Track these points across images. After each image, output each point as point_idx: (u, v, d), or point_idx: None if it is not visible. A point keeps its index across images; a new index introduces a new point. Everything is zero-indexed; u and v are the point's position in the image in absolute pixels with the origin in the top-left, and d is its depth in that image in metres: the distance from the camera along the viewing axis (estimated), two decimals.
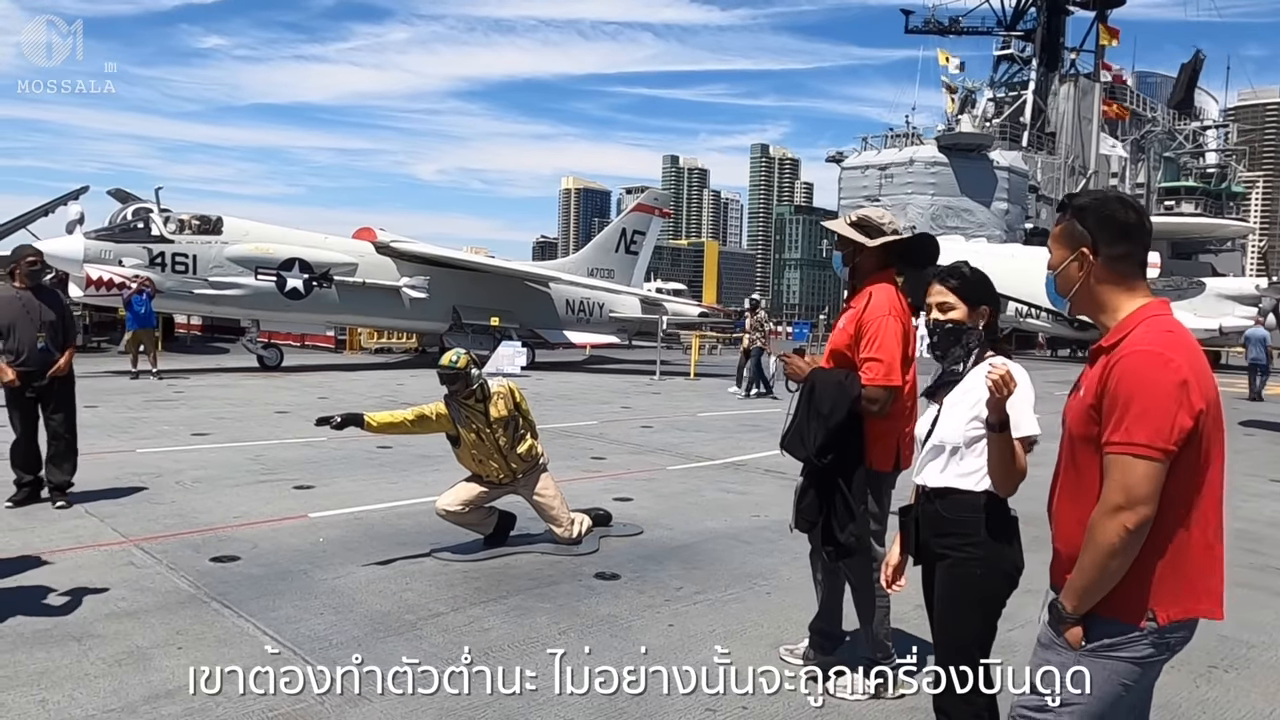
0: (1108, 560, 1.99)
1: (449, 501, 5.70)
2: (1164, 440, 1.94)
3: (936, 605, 2.84)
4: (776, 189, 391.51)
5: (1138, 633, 2.04)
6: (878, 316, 3.66)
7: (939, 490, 2.80)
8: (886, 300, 3.70)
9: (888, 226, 3.80)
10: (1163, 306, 2.11)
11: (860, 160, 51.64)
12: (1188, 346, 2.01)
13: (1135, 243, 2.12)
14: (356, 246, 21.95)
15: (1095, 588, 2.04)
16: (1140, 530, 1.96)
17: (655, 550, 6.08)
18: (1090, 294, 2.17)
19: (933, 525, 2.82)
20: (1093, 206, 2.15)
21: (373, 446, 9.37)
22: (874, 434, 3.70)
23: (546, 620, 4.66)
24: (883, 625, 3.88)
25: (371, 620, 4.56)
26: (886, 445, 3.75)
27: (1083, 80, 56.79)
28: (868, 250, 3.78)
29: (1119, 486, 1.96)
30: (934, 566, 2.85)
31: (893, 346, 3.59)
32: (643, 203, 30.28)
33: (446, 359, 5.64)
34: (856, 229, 3.81)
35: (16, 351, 6.61)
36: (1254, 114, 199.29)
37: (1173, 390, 1.94)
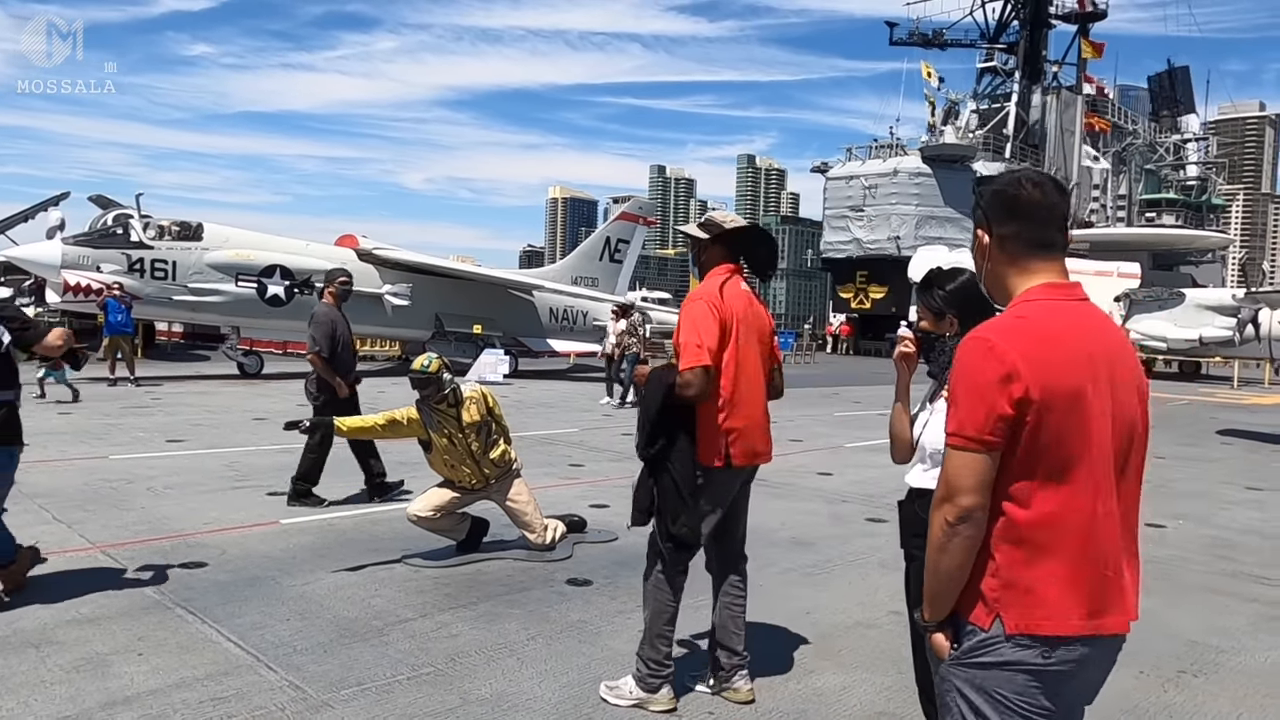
0: (937, 557, 1.86)
1: (420, 507, 5.66)
2: (976, 429, 1.78)
3: (914, 601, 2.84)
4: (763, 199, 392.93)
5: (986, 634, 1.83)
6: (687, 304, 3.70)
7: (919, 491, 2.83)
8: (701, 289, 3.73)
9: (728, 223, 3.84)
10: (1047, 290, 1.91)
11: (845, 171, 51.78)
12: (1033, 333, 1.82)
13: (1025, 220, 1.94)
14: (338, 254, 21.82)
15: (936, 589, 1.90)
16: (963, 524, 1.81)
17: (629, 556, 6.03)
18: (991, 278, 2.03)
19: (912, 525, 2.83)
20: (990, 186, 2.02)
21: (348, 453, 9.28)
22: (701, 427, 3.63)
23: (516, 626, 4.62)
24: (662, 631, 3.73)
25: (338, 626, 4.51)
26: (712, 440, 3.63)
27: (1065, 93, 57.21)
28: (708, 246, 3.83)
29: (942, 478, 1.86)
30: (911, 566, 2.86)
31: (698, 329, 3.55)
32: (627, 211, 30.29)
33: (418, 363, 5.61)
34: (700, 228, 3.87)
35: None
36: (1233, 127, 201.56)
37: (989, 377, 1.78)
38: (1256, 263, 58.34)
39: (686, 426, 3.67)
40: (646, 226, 30.40)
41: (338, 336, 7.34)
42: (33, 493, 7.34)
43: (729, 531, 3.94)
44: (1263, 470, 11.13)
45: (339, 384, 7.23)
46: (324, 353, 7.27)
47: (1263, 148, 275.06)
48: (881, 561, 6.18)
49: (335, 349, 7.33)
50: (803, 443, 11.98)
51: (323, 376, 7.30)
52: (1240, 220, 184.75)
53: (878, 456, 10.88)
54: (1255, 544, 7.14)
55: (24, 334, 4.77)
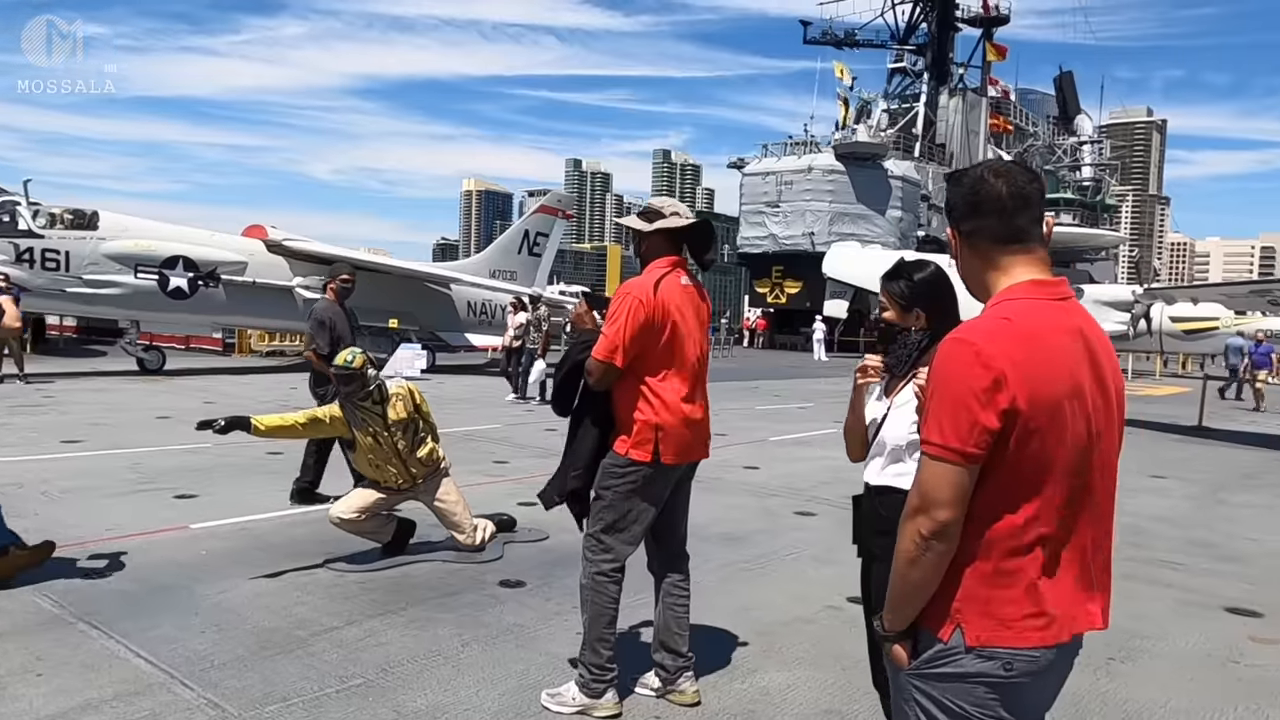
0: (906, 569, 1.79)
1: (344, 509, 5.41)
2: (959, 441, 1.69)
3: (875, 606, 2.77)
4: (679, 194, 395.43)
5: (946, 645, 1.78)
6: (619, 295, 3.56)
7: (879, 489, 2.75)
8: (636, 281, 3.60)
9: (667, 210, 3.71)
10: (1029, 288, 1.81)
11: (761, 167, 52.36)
12: (1019, 336, 1.73)
13: (989, 214, 1.84)
14: (246, 245, 21.01)
15: (902, 601, 1.83)
16: (939, 537, 1.73)
17: (562, 556, 5.90)
18: (967, 276, 1.94)
19: (871, 524, 2.76)
20: (953, 179, 1.93)
21: (261, 453, 8.91)
22: (628, 420, 3.54)
23: (448, 632, 4.44)
24: (603, 635, 3.64)
25: (259, 637, 4.26)
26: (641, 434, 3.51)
27: (970, 94, 59.04)
28: (647, 236, 3.69)
29: (917, 488, 1.76)
30: (870, 566, 2.79)
31: (618, 323, 3.44)
32: (546, 204, 29.98)
33: (341, 359, 5.36)
34: (640, 217, 3.75)
35: None
36: (1124, 131, 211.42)
37: (974, 385, 1.68)
38: (1147, 261, 61.32)
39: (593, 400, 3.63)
40: (565, 220, 30.16)
41: (338, 333, 7.20)
42: None
43: (669, 530, 3.85)
44: (1163, 459, 11.62)
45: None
46: (323, 350, 7.06)
47: (1150, 151, 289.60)
48: (814, 556, 6.19)
49: (335, 346, 7.10)
50: (727, 436, 11.99)
51: (321, 374, 7.12)
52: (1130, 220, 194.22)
53: (802, 450, 10.98)
54: (1164, 531, 7.41)
55: None
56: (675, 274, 3.65)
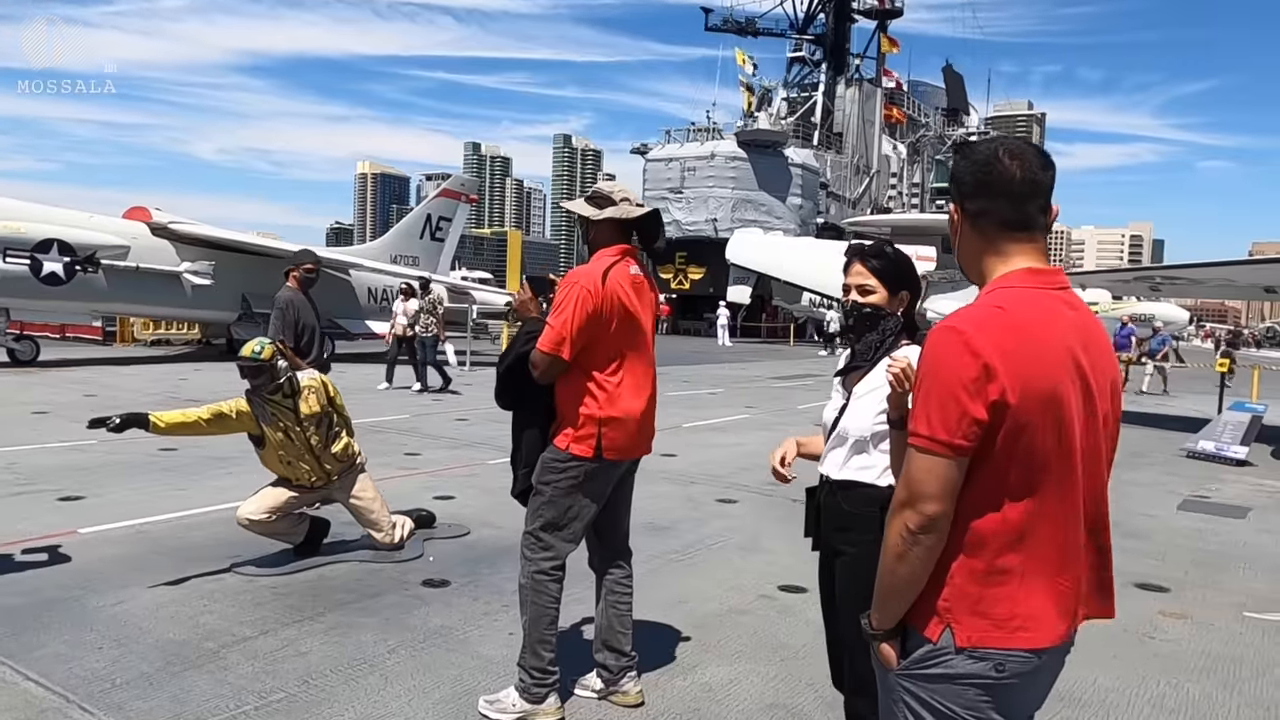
0: (893, 565, 1.73)
1: (253, 510, 5.08)
2: (947, 433, 1.64)
3: (839, 603, 2.68)
4: (580, 179, 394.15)
5: (935, 645, 1.72)
6: (566, 283, 3.38)
7: (841, 483, 2.64)
8: (585, 270, 3.41)
9: (617, 195, 3.52)
10: (1026, 277, 1.74)
11: (664, 153, 52.49)
12: (1012, 326, 1.66)
13: (1000, 197, 1.76)
14: (128, 228, 19.81)
15: (890, 598, 1.76)
16: (926, 531, 1.67)
17: (486, 552, 5.71)
18: (964, 258, 1.86)
19: (833, 519, 2.66)
20: (963, 152, 1.84)
21: (153, 449, 8.37)
22: (570, 414, 3.40)
23: (372, 638, 4.20)
24: (543, 637, 3.48)
25: (164, 652, 3.94)
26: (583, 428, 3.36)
27: (866, 85, 60.46)
28: (596, 223, 3.53)
29: (904, 481, 1.71)
30: (831, 562, 2.69)
31: (564, 314, 3.27)
32: (448, 188, 29.30)
33: (248, 349, 5.01)
34: (588, 202, 3.58)
35: None
36: (1008, 123, 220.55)
37: (963, 375, 1.62)
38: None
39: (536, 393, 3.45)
40: (469, 204, 29.56)
41: (300, 322, 7.02)
42: None
43: (611, 526, 3.71)
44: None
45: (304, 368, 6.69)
46: (285, 340, 6.74)
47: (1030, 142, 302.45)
48: (740, 545, 6.16)
49: (298, 335, 6.96)
50: None
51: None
52: None
53: (717, 436, 10.98)
54: None
55: None
56: (625, 263, 3.49)
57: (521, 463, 3.53)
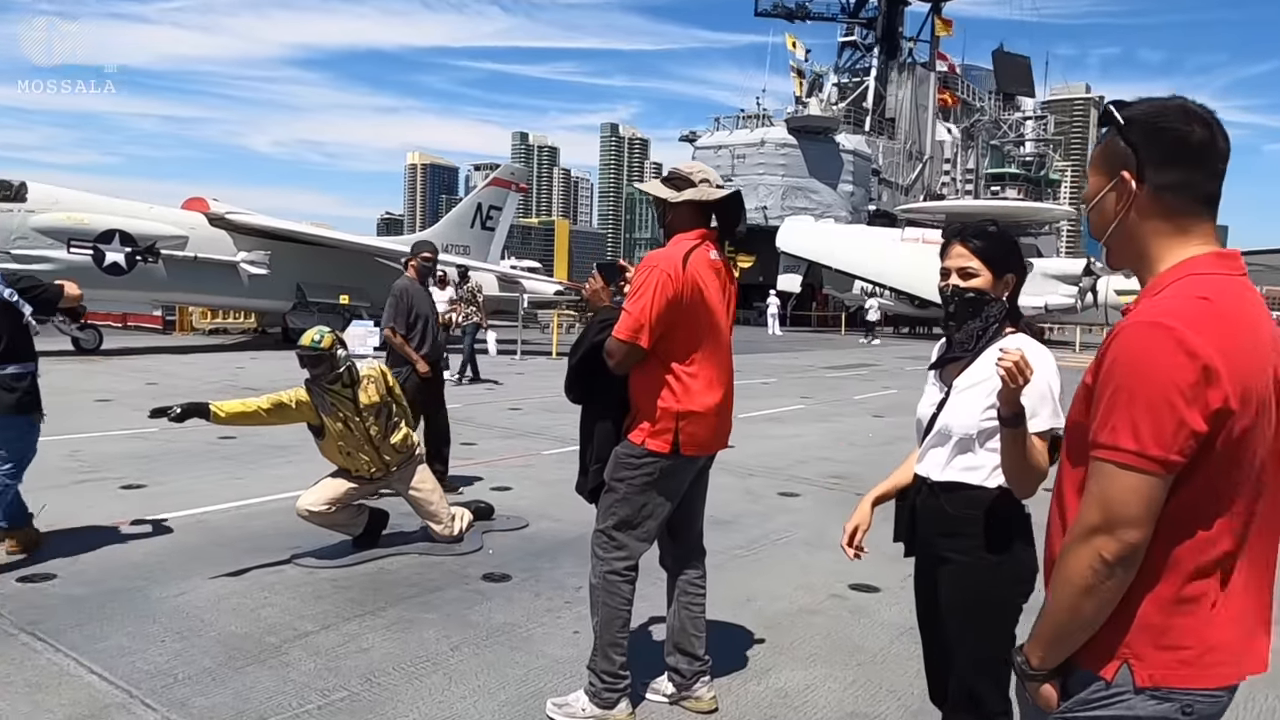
0: (1079, 599, 1.50)
1: (313, 500, 5.01)
2: (1160, 447, 1.42)
3: (945, 613, 2.48)
4: (627, 168, 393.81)
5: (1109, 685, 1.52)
6: (644, 267, 3.21)
7: (944, 484, 2.43)
8: (664, 254, 3.22)
9: (696, 176, 3.31)
10: (1216, 262, 1.53)
11: (713, 140, 52.08)
12: (1225, 319, 1.46)
13: (1196, 168, 1.54)
14: (187, 218, 20.14)
15: (1066, 635, 1.55)
16: (1126, 562, 1.46)
17: (545, 545, 5.59)
18: (1128, 236, 1.61)
19: (936, 523, 2.45)
20: (1141, 116, 1.58)
21: (213, 437, 8.41)
22: (647, 407, 3.22)
23: (435, 634, 4.09)
24: (615, 640, 3.32)
25: (226, 646, 3.87)
26: (660, 423, 3.18)
27: (919, 69, 59.32)
28: (674, 206, 3.31)
29: (1097, 502, 1.48)
30: (935, 570, 2.49)
31: (643, 300, 3.09)
32: (499, 177, 29.34)
33: (308, 338, 4.93)
34: (665, 184, 3.38)
35: None
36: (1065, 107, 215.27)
37: (1179, 380, 1.41)
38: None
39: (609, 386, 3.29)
40: (519, 193, 29.57)
41: (414, 311, 7.00)
42: None
43: (686, 524, 3.54)
44: None
45: (417, 360, 6.91)
46: (397, 328, 6.91)
47: (1089, 127, 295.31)
48: (805, 540, 5.96)
49: (411, 324, 6.99)
50: None
51: (399, 353, 6.95)
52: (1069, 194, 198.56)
53: (774, 427, 10.76)
54: None
55: (43, 297, 5.10)
56: (705, 247, 3.29)
57: (592, 458, 3.37)
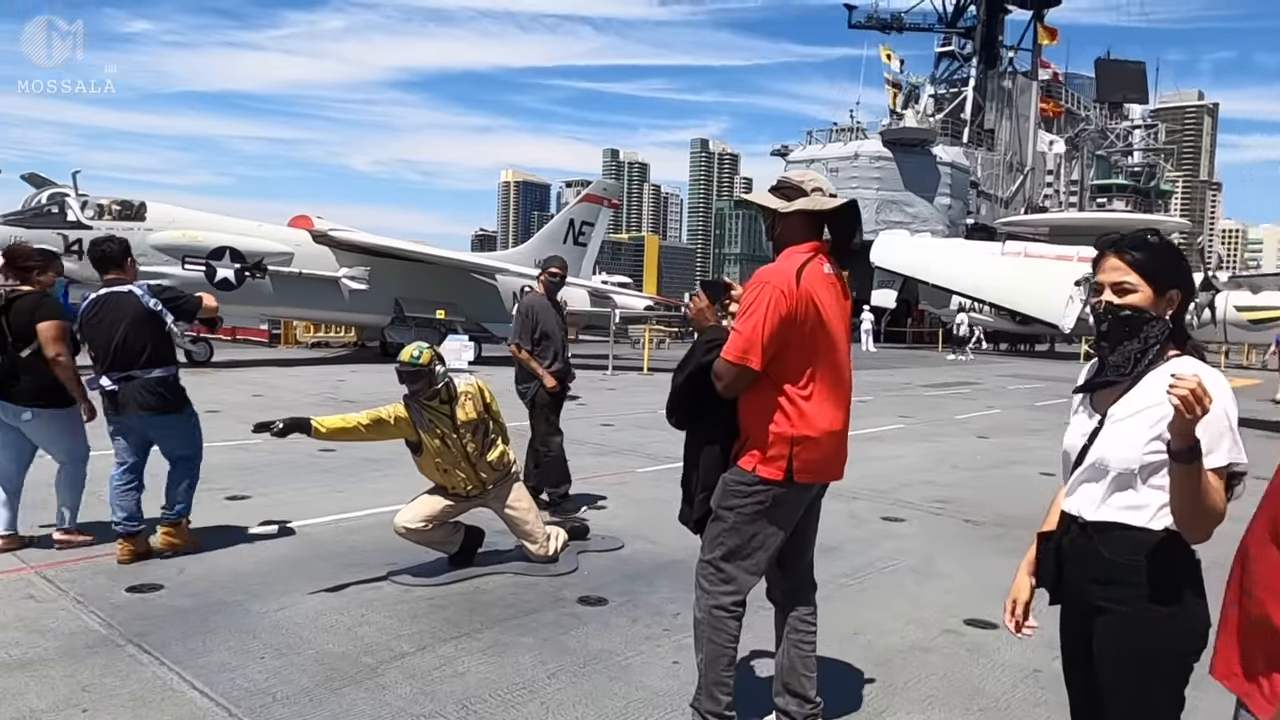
0: None
1: (410, 518, 4.98)
2: None
3: (1098, 663, 2.22)
4: (716, 184, 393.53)
5: None
6: (754, 284, 2.99)
7: (1100, 524, 2.17)
8: (775, 269, 3.02)
9: (808, 185, 3.11)
10: None
11: (805, 154, 51.39)
12: None
13: None
14: (292, 235, 20.83)
15: None
16: None
17: (641, 568, 5.44)
18: None
19: (1089, 568, 2.19)
20: None
21: (313, 449, 8.55)
22: (759, 432, 3.02)
23: (531, 660, 3.98)
24: (720, 679, 3.11)
25: (323, 665, 3.84)
26: (774, 448, 3.00)
27: (1020, 78, 57.53)
28: (785, 217, 3.11)
29: None
30: (1088, 619, 2.22)
31: (755, 319, 2.90)
32: (591, 193, 29.54)
33: (407, 354, 4.91)
34: (775, 193, 3.16)
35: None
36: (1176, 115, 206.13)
37: None
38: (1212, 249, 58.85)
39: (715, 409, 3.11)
40: (611, 208, 29.70)
41: (539, 327, 6.94)
42: None
43: (796, 556, 3.33)
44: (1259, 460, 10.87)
45: (544, 375, 6.86)
46: (523, 344, 6.88)
47: (1201, 135, 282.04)
48: (913, 568, 5.67)
49: (537, 340, 6.92)
50: None
51: (526, 369, 6.97)
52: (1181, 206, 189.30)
53: (875, 447, 10.39)
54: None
55: (185, 308, 5.56)
56: (818, 261, 3.09)
57: (698, 486, 3.19)
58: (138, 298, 5.32)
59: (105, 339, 5.25)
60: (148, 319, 5.29)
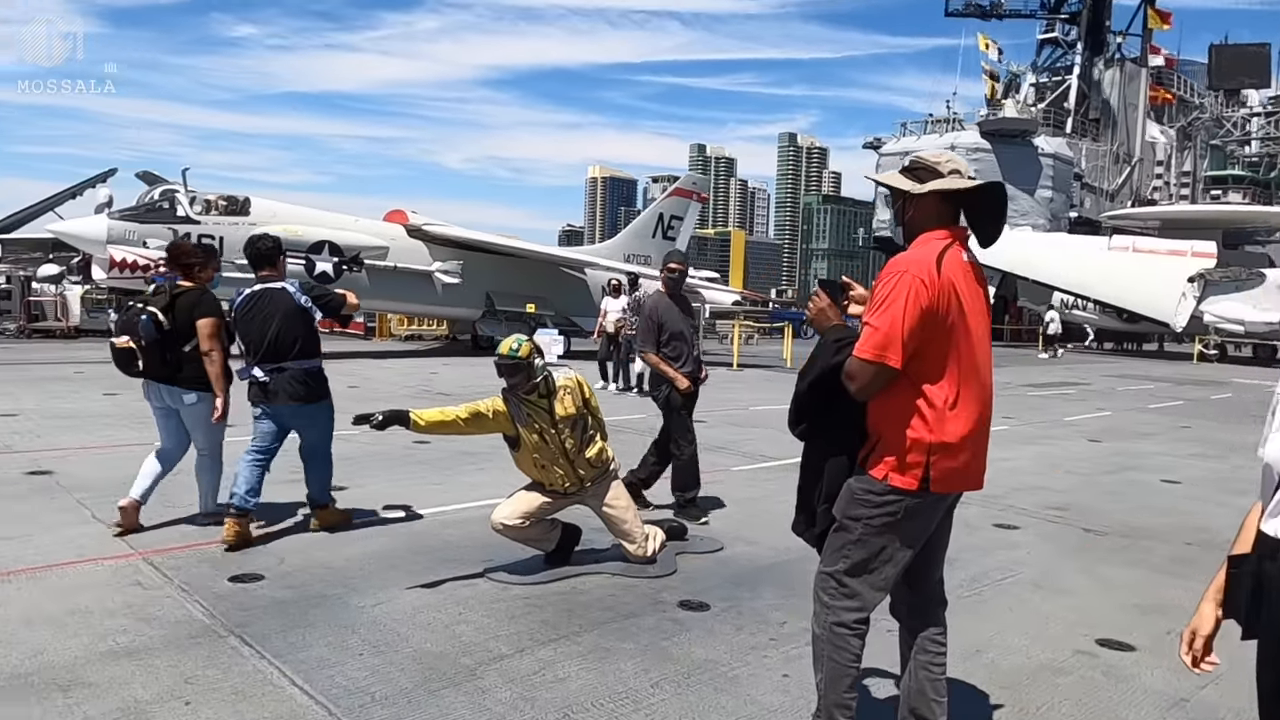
0: None
1: (507, 514, 4.87)
2: None
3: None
4: (804, 178, 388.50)
5: None
6: (891, 273, 2.70)
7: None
8: (913, 257, 2.73)
9: (944, 166, 2.83)
10: None
11: (899, 146, 50.07)
12: None
13: None
14: (387, 230, 21.23)
15: None
16: None
17: (743, 571, 5.23)
18: None
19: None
20: None
21: (409, 442, 8.58)
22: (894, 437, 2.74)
23: (633, 667, 3.81)
24: (842, 700, 2.87)
25: (422, 665, 3.74)
26: (910, 455, 2.73)
27: (1128, 65, 54.95)
28: (917, 200, 2.83)
29: None
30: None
31: (893, 312, 2.63)
32: (681, 187, 29.35)
33: (506, 346, 4.80)
34: (906, 174, 2.87)
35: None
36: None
37: None
38: None
39: (844, 413, 2.84)
40: (700, 203, 29.44)
41: (664, 328, 6.58)
42: (72, 484, 6.73)
43: (924, 571, 3.06)
44: None
45: (676, 377, 6.52)
46: (647, 348, 6.62)
47: None
48: (1033, 581, 5.30)
49: (664, 341, 6.57)
50: None
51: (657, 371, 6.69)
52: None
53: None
54: None
55: (331, 304, 5.84)
56: (956, 249, 2.81)
57: (821, 497, 2.94)
58: (290, 294, 5.58)
59: (259, 333, 5.51)
60: (299, 314, 5.56)
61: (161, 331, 5.41)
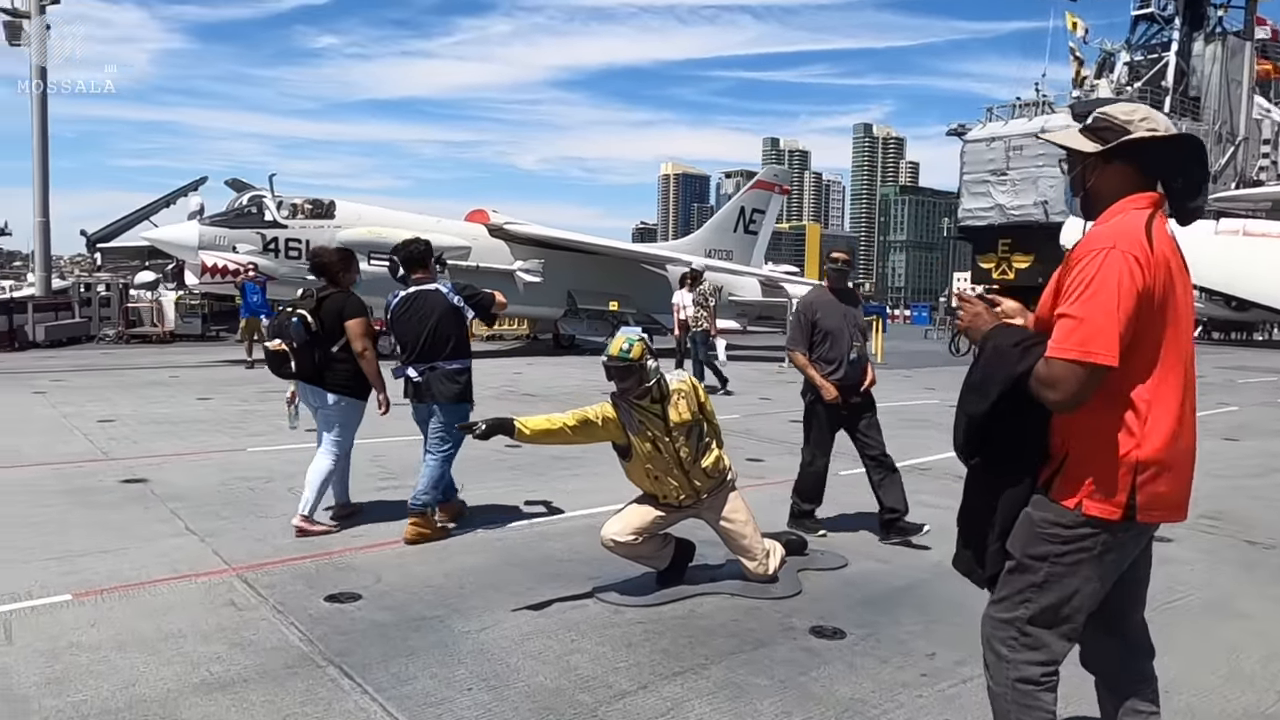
0: None
1: (618, 530, 4.48)
2: None
3: None
4: (880, 169, 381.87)
5: None
6: (1092, 249, 2.20)
7: None
8: (1117, 230, 2.22)
9: (1135, 120, 2.31)
10: None
11: (985, 133, 48.54)
12: None
13: None
14: (469, 230, 21.19)
15: None
16: None
17: (875, 593, 4.74)
18: None
19: None
20: None
21: (501, 445, 8.25)
22: (1094, 455, 2.24)
23: (772, 708, 3.37)
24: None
25: (537, 703, 3.37)
26: (1113, 477, 2.22)
27: (1231, 39, 52.14)
28: (1101, 164, 2.34)
29: None
30: None
31: (1101, 298, 2.13)
32: (762, 180, 28.72)
33: (616, 347, 4.39)
34: (1086, 135, 2.38)
35: None
36: None
37: None
38: None
39: (1031, 431, 2.32)
40: (781, 195, 28.77)
41: (819, 327, 5.79)
42: (167, 494, 6.60)
43: (1124, 609, 2.54)
44: None
45: (822, 385, 5.72)
46: (798, 347, 5.86)
47: None
48: (1205, 605, 4.69)
49: (817, 341, 5.78)
50: None
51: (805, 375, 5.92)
52: None
53: None
54: None
55: (482, 304, 5.90)
56: (1162, 218, 2.29)
57: (995, 535, 2.42)
58: (444, 295, 5.69)
59: (414, 333, 5.63)
60: (452, 314, 5.67)
61: (310, 333, 5.52)
